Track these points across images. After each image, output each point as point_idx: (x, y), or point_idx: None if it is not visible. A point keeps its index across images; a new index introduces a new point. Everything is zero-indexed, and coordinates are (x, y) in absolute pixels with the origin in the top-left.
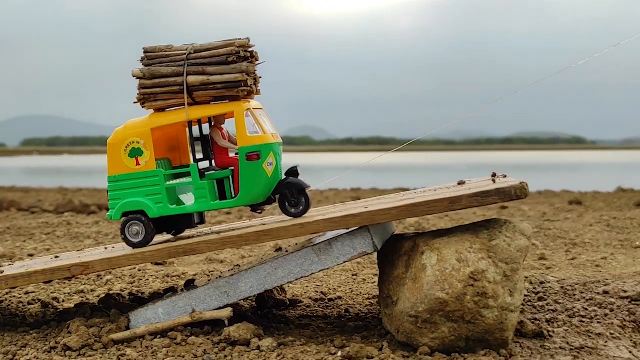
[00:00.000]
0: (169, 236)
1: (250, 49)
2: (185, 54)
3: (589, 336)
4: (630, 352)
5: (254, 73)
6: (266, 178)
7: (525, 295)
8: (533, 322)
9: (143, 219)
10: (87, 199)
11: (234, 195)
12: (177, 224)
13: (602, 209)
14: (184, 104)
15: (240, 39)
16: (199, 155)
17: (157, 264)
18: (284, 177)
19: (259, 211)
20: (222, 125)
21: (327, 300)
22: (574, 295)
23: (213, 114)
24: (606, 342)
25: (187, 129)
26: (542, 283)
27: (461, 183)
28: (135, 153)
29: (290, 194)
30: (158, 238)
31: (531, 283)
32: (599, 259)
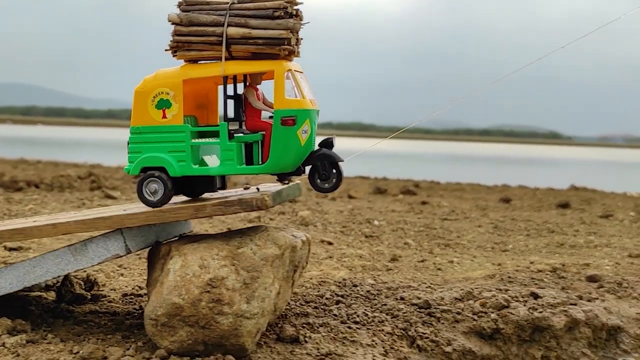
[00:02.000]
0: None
1: (296, 6)
2: (228, 3)
3: (344, 343)
4: (373, 359)
5: (297, 33)
6: (299, 146)
7: (327, 299)
8: (294, 327)
9: (163, 176)
10: (34, 174)
11: (261, 162)
12: (197, 186)
13: (521, 208)
14: (218, 57)
15: None
16: (230, 115)
17: (11, 249)
18: (317, 147)
19: (286, 181)
20: (258, 86)
21: (135, 296)
22: (373, 300)
23: (251, 72)
24: (357, 349)
25: (222, 85)
26: (354, 286)
27: (246, 188)
28: (163, 105)
29: (322, 166)
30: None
31: (344, 286)
32: (445, 262)
